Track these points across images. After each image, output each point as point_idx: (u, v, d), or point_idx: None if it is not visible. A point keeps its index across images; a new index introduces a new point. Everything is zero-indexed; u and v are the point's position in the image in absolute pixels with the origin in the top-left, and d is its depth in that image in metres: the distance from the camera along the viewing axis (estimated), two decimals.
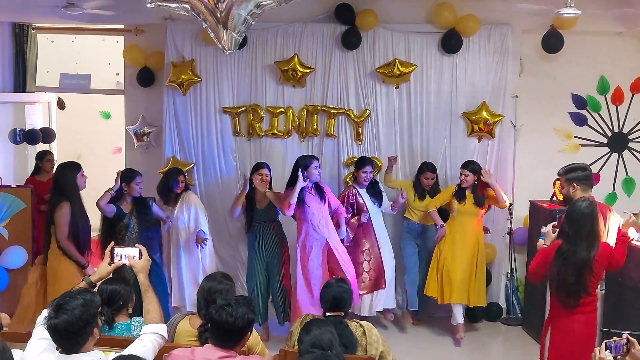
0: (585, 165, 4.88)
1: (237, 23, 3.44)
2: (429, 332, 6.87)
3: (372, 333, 3.94)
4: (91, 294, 3.08)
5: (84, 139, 10.07)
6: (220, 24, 3.39)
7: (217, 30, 3.48)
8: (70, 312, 2.88)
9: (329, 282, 4.30)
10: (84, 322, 2.91)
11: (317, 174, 6.20)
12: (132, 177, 6.05)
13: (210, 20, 3.43)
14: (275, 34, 7.08)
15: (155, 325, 3.30)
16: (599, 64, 7.20)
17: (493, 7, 6.92)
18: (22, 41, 8.16)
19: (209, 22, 3.48)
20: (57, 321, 2.87)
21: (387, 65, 6.95)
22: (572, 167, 4.84)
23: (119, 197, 5.98)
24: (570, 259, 4.27)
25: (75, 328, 2.88)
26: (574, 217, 4.35)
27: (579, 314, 4.34)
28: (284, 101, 7.19)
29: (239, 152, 7.30)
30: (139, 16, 7.34)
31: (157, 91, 7.54)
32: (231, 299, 3.40)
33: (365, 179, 6.56)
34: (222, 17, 3.34)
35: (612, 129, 7.30)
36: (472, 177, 6.41)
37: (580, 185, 4.74)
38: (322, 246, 6.14)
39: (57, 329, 2.88)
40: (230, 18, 3.36)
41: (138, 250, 3.55)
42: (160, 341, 3.26)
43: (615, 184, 7.35)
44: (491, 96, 7.00)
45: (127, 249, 3.57)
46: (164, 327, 3.33)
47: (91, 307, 2.96)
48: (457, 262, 6.41)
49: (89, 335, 2.96)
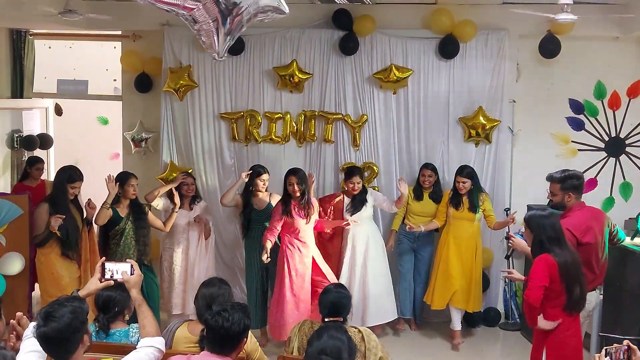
0: (579, 174, 4.90)
1: (237, 28, 3.42)
2: (427, 338, 6.86)
3: (370, 339, 3.93)
4: (79, 301, 3.06)
5: (81, 144, 10.06)
6: (225, 28, 3.36)
7: (217, 35, 3.44)
8: (58, 319, 2.87)
9: (327, 287, 4.25)
10: (73, 329, 2.90)
11: (290, 190, 6.00)
12: (126, 179, 6.05)
13: (208, 27, 3.39)
14: (273, 40, 7.10)
15: (151, 338, 3.27)
16: (596, 68, 7.21)
17: (490, 13, 6.95)
18: (20, 47, 8.18)
19: (207, 27, 3.43)
20: (46, 329, 2.86)
21: (383, 71, 6.96)
22: (568, 175, 4.83)
23: (115, 201, 5.98)
24: (577, 266, 4.25)
25: (65, 335, 2.88)
26: (549, 225, 4.30)
27: (576, 322, 4.34)
28: (281, 107, 7.19)
29: (237, 158, 7.31)
30: (136, 22, 7.38)
31: (154, 97, 7.55)
32: (227, 304, 3.40)
33: (353, 189, 6.45)
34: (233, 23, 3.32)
35: (610, 134, 7.31)
36: (470, 183, 6.41)
37: (575, 194, 4.74)
38: (307, 260, 6.03)
39: (47, 337, 2.88)
40: (237, 22, 3.34)
41: (129, 265, 3.48)
42: (157, 354, 3.23)
43: (613, 188, 7.35)
44: (488, 101, 7.01)
45: (118, 264, 3.50)
46: (161, 341, 3.30)
47: (80, 315, 2.95)
48: (456, 267, 6.41)
49: (78, 342, 2.95)
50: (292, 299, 5.96)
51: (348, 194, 6.55)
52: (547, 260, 4.21)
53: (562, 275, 4.19)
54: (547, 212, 4.40)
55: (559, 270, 4.18)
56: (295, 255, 5.99)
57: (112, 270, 3.46)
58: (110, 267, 3.48)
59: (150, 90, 7.65)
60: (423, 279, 6.88)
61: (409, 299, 6.88)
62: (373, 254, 6.52)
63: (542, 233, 4.27)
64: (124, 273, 3.45)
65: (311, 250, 6.08)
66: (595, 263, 4.86)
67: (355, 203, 6.49)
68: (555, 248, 4.23)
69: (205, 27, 3.29)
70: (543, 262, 4.21)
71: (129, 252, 5.90)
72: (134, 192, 6.06)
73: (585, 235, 4.76)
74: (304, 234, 6.03)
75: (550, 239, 4.24)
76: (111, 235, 5.99)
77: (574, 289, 4.22)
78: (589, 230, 4.80)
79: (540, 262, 4.22)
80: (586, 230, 4.78)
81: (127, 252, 5.89)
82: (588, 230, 4.79)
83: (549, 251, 4.23)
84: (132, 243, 6.00)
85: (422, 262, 6.88)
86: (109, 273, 3.46)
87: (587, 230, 4.78)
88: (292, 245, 6.02)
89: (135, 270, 3.49)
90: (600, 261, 4.92)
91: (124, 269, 3.46)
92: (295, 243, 6.02)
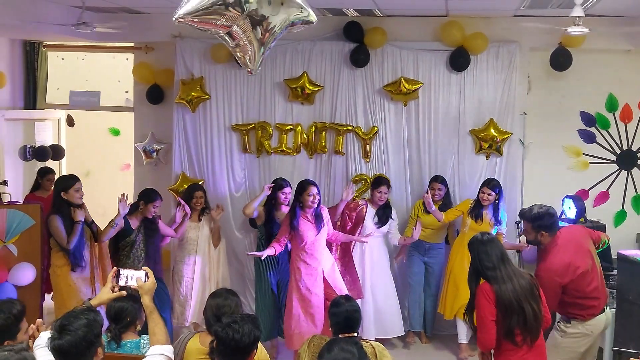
0: (552, 211, 4.68)
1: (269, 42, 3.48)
2: (435, 351, 6.83)
3: (383, 355, 3.89)
4: (94, 313, 3.07)
5: (93, 155, 10.11)
6: (263, 44, 3.41)
7: (256, 51, 3.49)
8: (74, 332, 2.87)
9: (337, 301, 4.16)
10: (88, 343, 2.90)
11: (311, 200, 5.92)
12: (153, 200, 6.05)
13: (244, 43, 3.42)
14: (284, 52, 7.12)
15: (161, 346, 3.28)
16: (607, 81, 7.19)
17: (501, 25, 6.96)
18: (33, 59, 8.26)
19: (243, 44, 3.45)
20: (60, 342, 2.86)
21: (393, 84, 6.97)
22: (538, 214, 4.63)
23: (130, 212, 5.98)
24: (519, 294, 3.99)
25: (80, 349, 2.88)
26: (483, 252, 4.14)
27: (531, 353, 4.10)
28: (292, 118, 7.21)
29: (248, 169, 7.32)
30: (148, 34, 7.43)
31: (166, 108, 7.59)
32: (236, 316, 3.39)
33: (380, 199, 6.57)
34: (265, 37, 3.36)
35: (621, 147, 7.28)
36: (495, 197, 6.37)
37: (548, 232, 4.64)
38: (317, 273, 5.96)
39: (61, 350, 2.88)
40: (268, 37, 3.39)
41: (144, 272, 3.50)
42: None
43: (625, 201, 7.31)
44: (499, 113, 7.00)
45: (134, 271, 3.52)
46: (170, 349, 3.31)
47: (95, 327, 2.96)
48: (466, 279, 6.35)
49: (92, 355, 2.95)
50: (302, 312, 5.92)
51: (373, 203, 6.62)
52: (484, 290, 4.04)
53: (498, 304, 3.98)
54: (485, 237, 4.23)
55: (495, 297, 3.99)
56: (302, 269, 5.93)
57: (127, 277, 3.48)
58: (125, 274, 3.49)
59: (161, 102, 7.70)
60: (433, 291, 6.85)
61: (419, 312, 6.85)
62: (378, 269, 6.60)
63: (478, 261, 4.13)
64: (138, 279, 3.46)
65: (321, 263, 5.99)
66: (601, 287, 4.75)
67: (380, 215, 6.60)
68: (492, 274, 4.04)
69: (241, 43, 3.33)
70: (481, 295, 4.04)
71: (138, 265, 5.87)
72: (153, 213, 6.08)
73: (565, 276, 4.55)
74: (312, 246, 5.93)
75: (487, 267, 4.07)
76: (121, 247, 6.00)
77: (511, 317, 3.96)
78: (568, 268, 4.56)
79: (479, 297, 4.06)
80: (565, 270, 4.55)
81: (136, 265, 5.87)
82: (567, 269, 4.56)
83: (487, 279, 4.06)
84: (142, 255, 6.00)
85: (432, 275, 6.85)
86: (123, 279, 3.47)
87: (566, 270, 4.56)
88: (300, 259, 5.96)
89: (150, 277, 3.49)
90: (603, 280, 4.81)
91: (139, 276, 3.47)
92: (303, 256, 5.94)
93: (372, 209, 6.65)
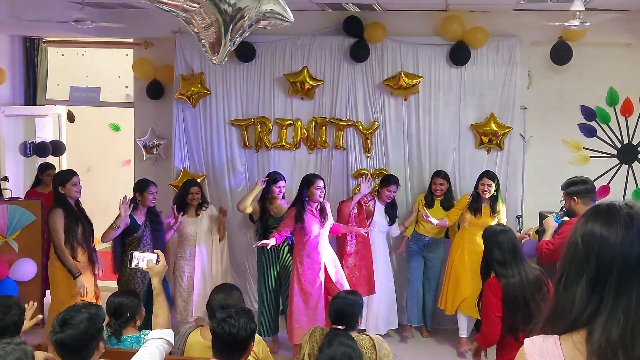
0: (585, 179, 4.90)
1: (237, 33, 3.40)
2: (435, 344, 6.84)
3: (382, 347, 3.90)
4: (96, 307, 3.09)
5: (93, 151, 10.12)
6: (228, 34, 3.34)
7: (219, 41, 3.42)
8: (75, 326, 2.88)
9: (338, 294, 4.25)
10: (90, 337, 2.91)
11: (319, 194, 6.02)
12: (146, 187, 6.06)
13: (213, 31, 3.37)
14: (284, 47, 7.12)
15: (161, 330, 3.33)
16: (608, 75, 7.17)
17: (501, 20, 6.94)
18: (33, 55, 8.25)
19: (210, 32, 3.40)
20: (62, 336, 2.87)
21: (392, 78, 6.96)
22: (572, 180, 4.89)
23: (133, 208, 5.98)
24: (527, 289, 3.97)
25: (82, 343, 2.89)
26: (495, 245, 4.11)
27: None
28: (292, 113, 7.21)
29: (248, 164, 7.33)
30: (148, 30, 7.43)
31: (166, 104, 7.59)
32: (231, 310, 3.39)
33: (389, 197, 6.61)
34: (234, 28, 3.30)
35: (622, 141, 7.27)
36: (494, 187, 6.36)
37: (580, 199, 4.75)
38: (319, 267, 6.01)
39: (63, 344, 2.88)
40: (237, 28, 3.32)
41: (156, 255, 3.65)
42: (166, 347, 3.28)
43: (625, 195, 7.30)
44: (500, 108, 6.99)
45: (146, 254, 3.70)
46: (170, 332, 3.36)
47: (97, 321, 2.97)
48: (467, 273, 6.37)
49: (94, 349, 2.96)
50: (303, 306, 5.96)
51: (381, 200, 6.68)
52: (492, 285, 4.04)
53: (504, 299, 3.97)
54: (499, 228, 4.24)
55: (502, 293, 3.97)
56: (304, 263, 5.98)
57: (139, 259, 3.66)
58: (137, 256, 3.68)
59: (161, 97, 7.70)
60: (432, 285, 6.86)
61: (417, 307, 6.85)
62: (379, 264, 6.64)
63: (489, 253, 4.11)
64: (149, 262, 3.60)
65: (323, 257, 6.05)
66: None
67: (389, 213, 6.70)
68: (501, 269, 4.02)
69: (205, 31, 3.28)
70: (488, 290, 4.04)
71: None
72: (152, 200, 6.07)
73: None
74: (315, 240, 5.99)
75: (497, 261, 4.05)
76: (127, 243, 5.97)
77: (516, 313, 3.92)
78: None
79: (487, 291, 4.06)
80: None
81: None
82: None
83: (496, 273, 4.05)
84: (148, 251, 5.99)
85: (431, 269, 6.85)
86: (135, 261, 3.65)
87: None
88: (302, 253, 6.01)
89: (161, 260, 3.62)
90: None
91: (150, 258, 3.63)
92: (305, 251, 5.99)
93: (380, 205, 6.69)
